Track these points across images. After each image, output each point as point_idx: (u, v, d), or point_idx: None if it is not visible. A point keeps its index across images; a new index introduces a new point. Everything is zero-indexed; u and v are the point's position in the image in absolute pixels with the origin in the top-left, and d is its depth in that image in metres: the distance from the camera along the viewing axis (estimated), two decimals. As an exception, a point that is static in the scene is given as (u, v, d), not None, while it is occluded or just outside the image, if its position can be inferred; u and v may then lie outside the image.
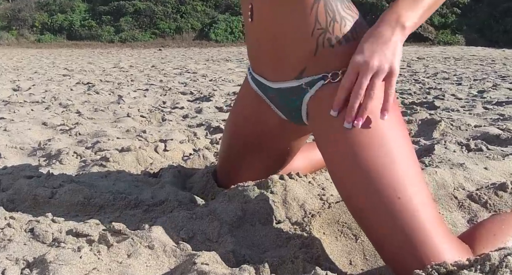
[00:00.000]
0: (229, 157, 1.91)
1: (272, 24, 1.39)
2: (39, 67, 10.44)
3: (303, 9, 1.33)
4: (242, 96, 1.78)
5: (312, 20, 1.32)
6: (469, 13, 23.29)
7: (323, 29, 1.32)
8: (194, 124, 3.58)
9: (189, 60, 13.75)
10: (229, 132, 1.88)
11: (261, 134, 1.75)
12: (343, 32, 1.32)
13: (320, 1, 1.31)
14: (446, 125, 3.21)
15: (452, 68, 9.69)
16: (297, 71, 1.38)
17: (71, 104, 4.55)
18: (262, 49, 1.48)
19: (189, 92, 5.60)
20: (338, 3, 1.33)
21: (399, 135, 1.25)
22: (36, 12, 27.15)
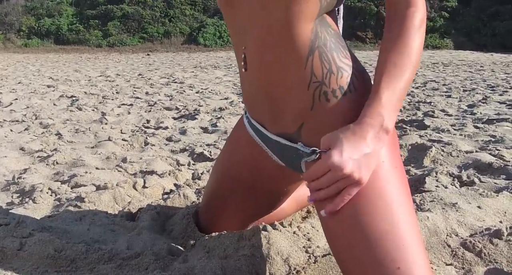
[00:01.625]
0: (216, 198, 1.80)
1: (266, 76, 1.32)
2: (23, 76, 10.26)
3: (297, 61, 1.25)
4: (236, 138, 1.68)
5: (307, 73, 1.25)
6: (457, 17, 23.34)
7: (319, 82, 1.24)
8: (178, 149, 3.47)
9: (177, 66, 13.62)
10: (218, 173, 1.78)
11: (255, 178, 1.64)
12: (339, 84, 1.25)
13: (315, 52, 1.23)
14: (437, 151, 3.12)
15: (441, 76, 9.64)
16: (295, 126, 1.32)
17: (51, 124, 4.42)
18: (257, 99, 1.42)
19: (174, 108, 5.48)
20: (334, 52, 1.25)
21: (400, 192, 1.20)
22: (23, 16, 26.87)
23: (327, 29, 1.26)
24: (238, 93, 6.81)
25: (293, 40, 1.24)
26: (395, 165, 1.24)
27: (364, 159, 1.12)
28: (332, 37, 1.26)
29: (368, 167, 1.13)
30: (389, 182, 1.20)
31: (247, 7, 1.29)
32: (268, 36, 1.26)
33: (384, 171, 1.20)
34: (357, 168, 1.11)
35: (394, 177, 1.22)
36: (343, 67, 1.26)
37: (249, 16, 1.29)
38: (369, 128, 1.14)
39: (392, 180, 1.21)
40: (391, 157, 1.23)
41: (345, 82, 1.25)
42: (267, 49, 1.29)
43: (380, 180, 1.18)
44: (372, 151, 1.13)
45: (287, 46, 1.25)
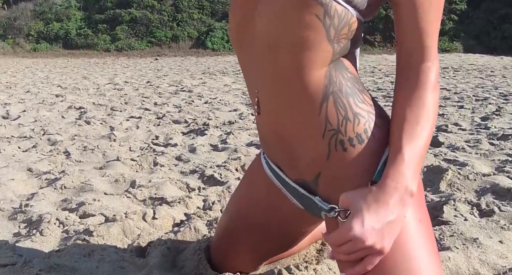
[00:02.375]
0: (228, 236, 1.74)
1: (279, 122, 1.26)
2: (32, 84, 10.25)
3: (310, 108, 1.18)
4: (253, 177, 1.62)
5: (321, 120, 1.18)
6: (466, 20, 23.17)
7: (334, 130, 1.18)
8: (187, 170, 3.40)
9: (185, 72, 13.59)
10: (233, 211, 1.71)
11: (271, 219, 1.58)
12: (357, 132, 1.18)
13: (329, 98, 1.16)
14: (454, 174, 3.04)
15: (452, 82, 9.55)
16: (312, 175, 1.27)
17: (59, 140, 4.36)
18: (272, 143, 1.37)
19: (183, 121, 5.42)
20: (350, 98, 1.18)
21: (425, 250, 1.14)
22: (32, 21, 26.97)
23: (343, 73, 1.19)
24: (247, 104, 6.75)
25: (305, 87, 1.17)
26: (419, 218, 1.17)
27: (388, 227, 1.06)
28: (348, 81, 1.19)
29: (391, 235, 1.07)
30: (414, 240, 1.13)
31: (257, 49, 1.23)
32: (278, 81, 1.20)
33: (409, 229, 1.13)
34: (380, 239, 1.05)
35: (419, 234, 1.15)
36: (360, 113, 1.19)
37: (259, 58, 1.23)
38: (393, 192, 1.07)
39: (417, 238, 1.14)
40: (416, 211, 1.16)
41: (362, 130, 1.18)
42: (279, 94, 1.22)
43: (405, 240, 1.12)
44: (396, 217, 1.07)
45: (298, 93, 1.18)
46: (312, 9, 1.07)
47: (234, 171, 3.36)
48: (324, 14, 1.07)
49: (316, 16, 1.07)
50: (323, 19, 1.07)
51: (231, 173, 3.31)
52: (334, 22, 1.08)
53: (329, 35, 1.10)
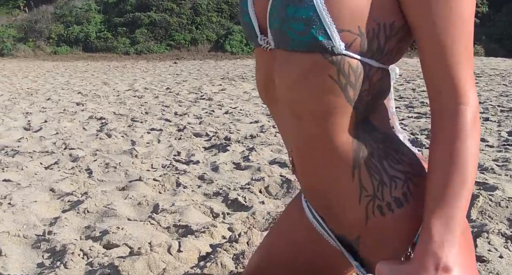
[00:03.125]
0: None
1: (314, 184, 1.20)
2: (53, 91, 10.31)
3: (342, 175, 1.11)
4: (292, 218, 1.53)
5: (356, 187, 1.10)
6: (488, 23, 22.86)
7: (371, 196, 1.10)
8: (211, 192, 3.36)
9: (205, 77, 13.58)
10: (267, 251, 1.64)
11: (309, 263, 1.50)
12: (394, 196, 1.09)
13: (360, 164, 1.08)
14: (485, 200, 2.95)
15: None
16: (352, 236, 1.20)
17: (81, 156, 4.35)
18: (313, 199, 1.29)
19: (204, 134, 5.38)
20: (384, 161, 1.09)
21: None
22: (52, 24, 27.18)
23: (372, 135, 1.09)
24: (267, 114, 6.69)
25: (333, 153, 1.09)
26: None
27: None
28: (379, 143, 1.10)
29: None
30: None
31: (281, 109, 1.15)
32: (305, 146, 1.13)
33: None
34: None
35: None
36: (396, 175, 1.10)
37: (285, 119, 1.16)
38: (422, 272, 1.00)
39: None
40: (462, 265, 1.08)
41: (401, 193, 1.10)
42: (308, 160, 1.16)
43: None
44: None
45: (327, 159, 1.11)
46: (324, 70, 0.98)
47: (258, 194, 3.31)
48: (338, 73, 0.98)
49: (330, 77, 0.98)
50: (337, 80, 0.98)
51: (255, 196, 3.25)
52: (350, 80, 0.99)
53: (348, 96, 1.01)
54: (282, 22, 0.98)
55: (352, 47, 0.95)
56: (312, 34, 0.94)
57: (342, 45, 0.94)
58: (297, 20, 0.94)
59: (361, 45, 0.95)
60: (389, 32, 0.97)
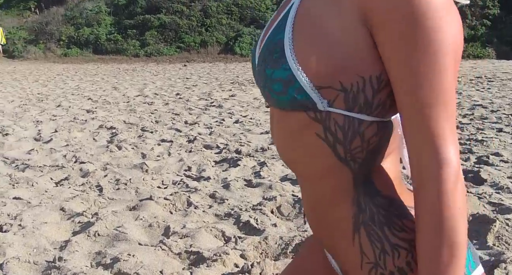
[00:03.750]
0: None
1: (321, 238, 1.15)
2: (63, 97, 10.32)
3: (343, 239, 1.06)
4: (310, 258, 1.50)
5: (357, 251, 1.05)
6: (500, 25, 22.67)
7: (372, 263, 1.04)
8: (222, 213, 3.32)
9: (214, 81, 13.56)
10: None
11: None
12: (398, 266, 1.03)
13: (360, 230, 1.02)
14: (501, 225, 2.89)
15: (487, 96, 9.30)
16: None
17: (92, 171, 4.33)
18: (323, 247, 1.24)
19: (215, 146, 5.35)
20: (386, 227, 1.02)
21: None
22: (63, 26, 27.30)
23: (374, 199, 1.03)
24: (278, 124, 6.63)
25: (332, 216, 1.05)
26: None
27: None
28: (381, 207, 1.03)
29: None
30: None
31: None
32: (309, 201, 1.10)
33: None
34: None
35: None
36: (398, 244, 1.04)
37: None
38: None
39: None
40: None
41: (404, 263, 1.03)
42: (313, 215, 1.12)
43: None
44: None
45: (328, 222, 1.07)
46: (310, 129, 0.94)
47: (270, 215, 3.27)
48: (325, 131, 0.94)
49: (317, 136, 0.94)
50: (324, 138, 0.94)
51: (267, 217, 3.21)
52: (338, 137, 0.94)
53: (338, 154, 0.96)
54: (264, 83, 0.96)
55: (336, 103, 0.91)
56: (291, 94, 0.91)
57: (324, 102, 0.91)
58: (275, 81, 0.93)
59: (345, 101, 0.91)
60: (377, 85, 0.91)
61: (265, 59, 0.96)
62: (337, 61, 0.89)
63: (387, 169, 1.08)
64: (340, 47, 0.89)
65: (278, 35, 0.95)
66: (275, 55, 0.93)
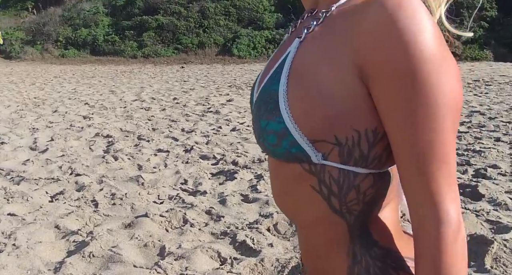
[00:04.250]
0: None
1: None
2: (60, 101, 10.28)
3: None
4: None
5: None
6: (497, 27, 22.66)
7: None
8: (218, 231, 3.30)
9: (212, 85, 13.54)
10: None
11: None
12: None
13: None
14: (499, 246, 2.88)
15: (485, 102, 9.29)
16: None
17: (87, 185, 4.30)
18: None
19: (211, 156, 5.33)
20: None
21: None
22: (60, 26, 27.23)
23: (370, 250, 1.00)
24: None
25: (328, 264, 1.02)
26: None
27: None
28: (377, 259, 1.00)
29: None
30: None
31: None
32: (304, 248, 1.08)
33: None
34: None
35: None
36: None
37: None
38: None
39: None
40: None
41: None
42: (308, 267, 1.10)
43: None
44: None
45: (323, 271, 1.04)
46: (305, 181, 0.92)
47: (266, 233, 3.24)
48: (319, 183, 0.92)
49: (312, 187, 0.93)
50: (319, 190, 0.92)
51: (263, 236, 3.19)
52: (333, 190, 0.91)
53: (333, 206, 0.93)
54: (259, 134, 0.95)
55: (331, 156, 0.89)
56: (285, 147, 0.90)
57: (319, 155, 0.89)
58: (269, 132, 0.91)
59: (340, 154, 0.89)
60: (372, 139, 0.88)
61: (259, 109, 0.95)
62: (332, 115, 0.87)
63: (385, 218, 1.05)
64: (335, 101, 0.87)
65: (273, 85, 0.93)
66: (270, 106, 0.92)
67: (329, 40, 0.90)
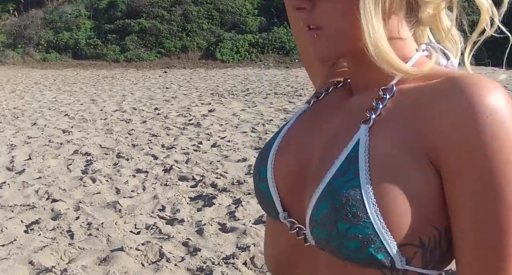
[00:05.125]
0: None
1: None
2: (40, 112, 10.17)
3: None
4: None
5: None
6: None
7: None
8: (194, 267, 3.28)
9: (194, 92, 13.52)
10: None
11: None
12: None
13: None
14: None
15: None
16: None
17: (64, 212, 4.26)
18: None
19: (191, 177, 5.31)
20: None
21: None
22: (42, 30, 26.96)
23: None
24: (255, 148, 6.61)
25: None
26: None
27: None
28: None
29: None
30: None
31: None
32: None
33: None
34: None
35: None
36: None
37: None
38: None
39: None
40: None
41: None
42: None
43: None
44: None
45: None
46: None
47: (242, 269, 3.24)
48: None
49: None
50: None
51: (240, 272, 3.18)
52: None
53: None
54: (332, 238, 0.83)
55: (414, 261, 0.82)
56: (370, 253, 0.80)
57: (403, 260, 0.81)
58: (351, 238, 0.81)
59: (423, 257, 0.82)
60: (450, 237, 0.82)
61: (333, 208, 0.83)
62: (419, 215, 0.80)
63: None
64: (423, 199, 0.80)
65: (350, 182, 0.82)
66: (352, 209, 0.81)
67: (401, 128, 0.82)
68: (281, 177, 0.95)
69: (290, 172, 0.94)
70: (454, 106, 0.75)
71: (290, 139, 0.99)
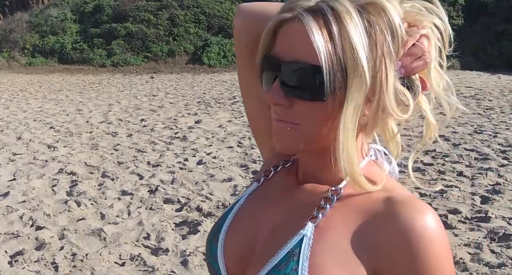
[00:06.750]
0: None
1: None
2: (25, 125, 10.10)
3: None
4: None
5: None
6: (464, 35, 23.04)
7: None
8: (178, 304, 3.29)
9: (181, 100, 13.50)
10: None
11: None
12: None
13: None
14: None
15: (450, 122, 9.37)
16: None
17: (48, 242, 4.26)
18: None
19: (176, 200, 5.32)
20: None
21: None
22: (27, 34, 26.74)
23: None
24: (241, 165, 6.63)
25: None
26: None
27: None
28: None
29: None
30: None
31: None
32: None
33: None
34: None
35: None
36: None
37: None
38: None
39: None
40: None
41: None
42: None
43: None
44: None
45: None
46: None
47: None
48: None
49: None
50: None
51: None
52: None
53: None
54: None
55: None
56: None
57: None
58: None
59: None
60: None
61: None
62: None
63: None
64: None
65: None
66: None
67: (346, 237, 0.84)
68: (229, 258, 0.98)
69: (237, 253, 0.97)
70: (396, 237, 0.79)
71: (240, 219, 1.01)
